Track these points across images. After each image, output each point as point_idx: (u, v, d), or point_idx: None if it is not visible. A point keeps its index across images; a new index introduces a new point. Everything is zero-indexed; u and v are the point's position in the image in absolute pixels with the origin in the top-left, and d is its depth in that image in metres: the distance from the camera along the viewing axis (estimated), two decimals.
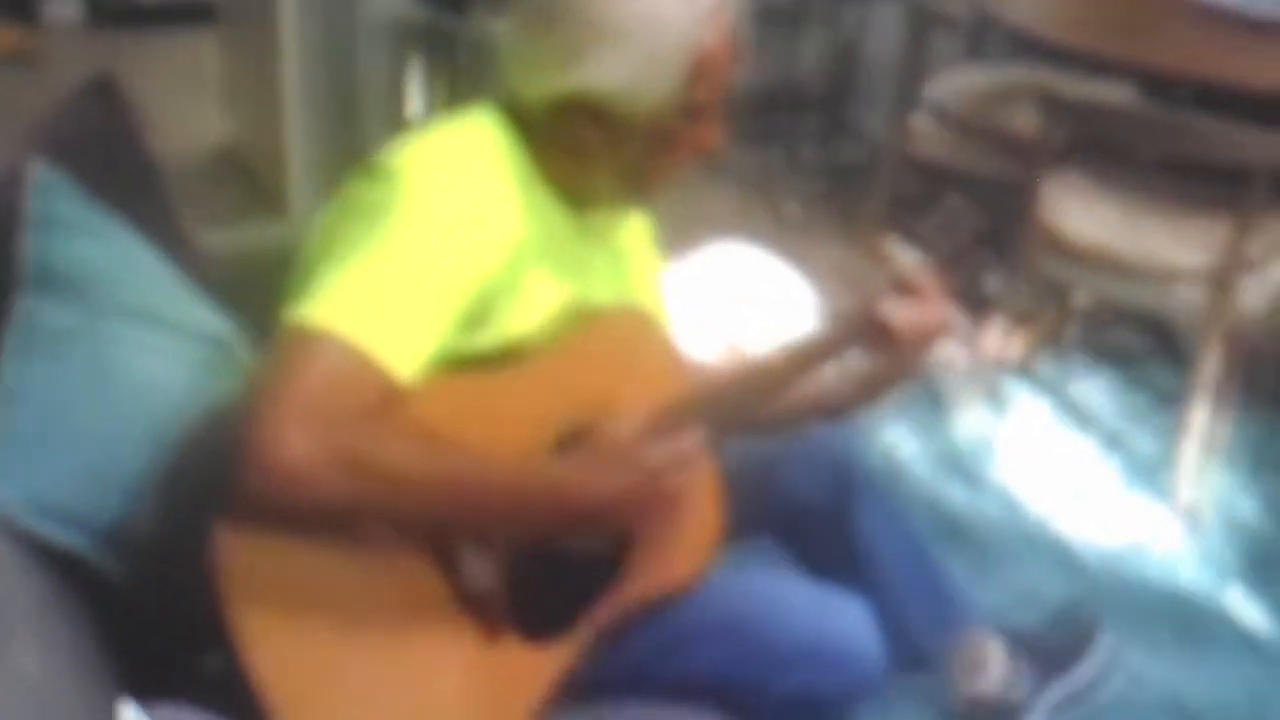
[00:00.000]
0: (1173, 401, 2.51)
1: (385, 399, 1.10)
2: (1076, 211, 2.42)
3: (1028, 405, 2.66)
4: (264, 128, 3.18)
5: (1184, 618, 2.14)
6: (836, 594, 1.43)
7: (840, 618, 1.39)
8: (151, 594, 1.18)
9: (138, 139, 1.52)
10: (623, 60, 1.22)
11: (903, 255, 1.43)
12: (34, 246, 1.23)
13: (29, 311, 1.21)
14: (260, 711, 1.05)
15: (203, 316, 1.35)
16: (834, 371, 1.45)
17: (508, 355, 1.23)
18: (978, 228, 1.45)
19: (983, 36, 3.23)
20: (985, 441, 2.55)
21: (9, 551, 1.11)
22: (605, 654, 1.29)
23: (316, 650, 1.09)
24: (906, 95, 2.95)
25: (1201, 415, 2.35)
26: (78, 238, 1.27)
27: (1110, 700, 1.92)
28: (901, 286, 1.38)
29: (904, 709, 1.88)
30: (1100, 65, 2.59)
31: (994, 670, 1.83)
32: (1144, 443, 2.56)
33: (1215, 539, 2.32)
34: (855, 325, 1.39)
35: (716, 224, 2.74)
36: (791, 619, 1.37)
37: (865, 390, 1.45)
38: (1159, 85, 2.63)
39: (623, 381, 1.32)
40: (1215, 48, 2.50)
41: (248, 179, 3.35)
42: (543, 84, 1.26)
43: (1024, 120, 2.56)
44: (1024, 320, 2.72)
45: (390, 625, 1.14)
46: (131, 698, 1.05)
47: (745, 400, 1.40)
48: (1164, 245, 2.35)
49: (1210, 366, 2.32)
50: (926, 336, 1.37)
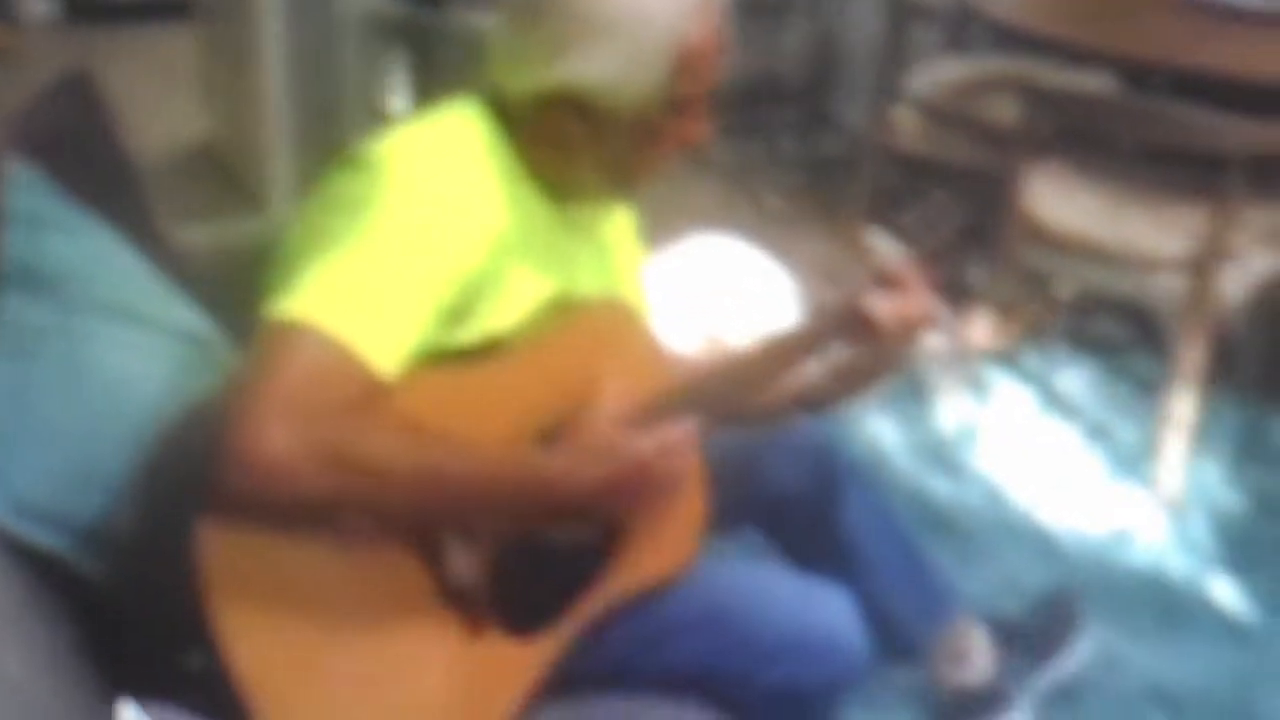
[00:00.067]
0: (1155, 390, 2.52)
1: (367, 393, 1.09)
2: (1057, 201, 2.43)
3: (1010, 395, 2.67)
4: (242, 123, 3.17)
5: (1166, 605, 2.15)
6: (821, 585, 1.43)
7: (824, 609, 1.40)
8: (132, 593, 1.17)
9: (113, 135, 1.51)
10: (608, 54, 1.22)
11: (884, 247, 1.43)
12: (8, 243, 1.22)
13: (3, 309, 1.19)
14: (242, 709, 1.05)
15: (180, 313, 1.35)
16: (817, 364, 1.45)
17: (490, 349, 1.23)
18: (961, 220, 1.45)
19: (962, 27, 3.24)
20: (968, 432, 2.55)
21: None
22: (589, 647, 1.28)
23: (299, 646, 1.09)
24: (887, 87, 2.95)
25: (1183, 404, 2.36)
26: (53, 234, 1.26)
27: (1093, 687, 1.93)
28: (884, 279, 1.38)
29: (889, 700, 1.89)
30: (1079, 55, 2.60)
31: (979, 660, 1.83)
32: (1126, 432, 2.57)
33: (1197, 527, 2.33)
34: (838, 318, 1.39)
35: (698, 217, 2.73)
36: (776, 611, 1.37)
37: (848, 382, 1.45)
38: (1138, 74, 2.64)
39: (606, 375, 1.32)
40: (1194, 37, 2.51)
41: (226, 175, 3.33)
42: (527, 77, 1.25)
43: (1004, 111, 2.57)
44: (1006, 311, 2.73)
45: (373, 620, 1.13)
46: (115, 696, 1.04)
47: (729, 393, 1.40)
48: (1144, 234, 2.36)
49: (1191, 355, 2.33)
50: (909, 329, 1.37)
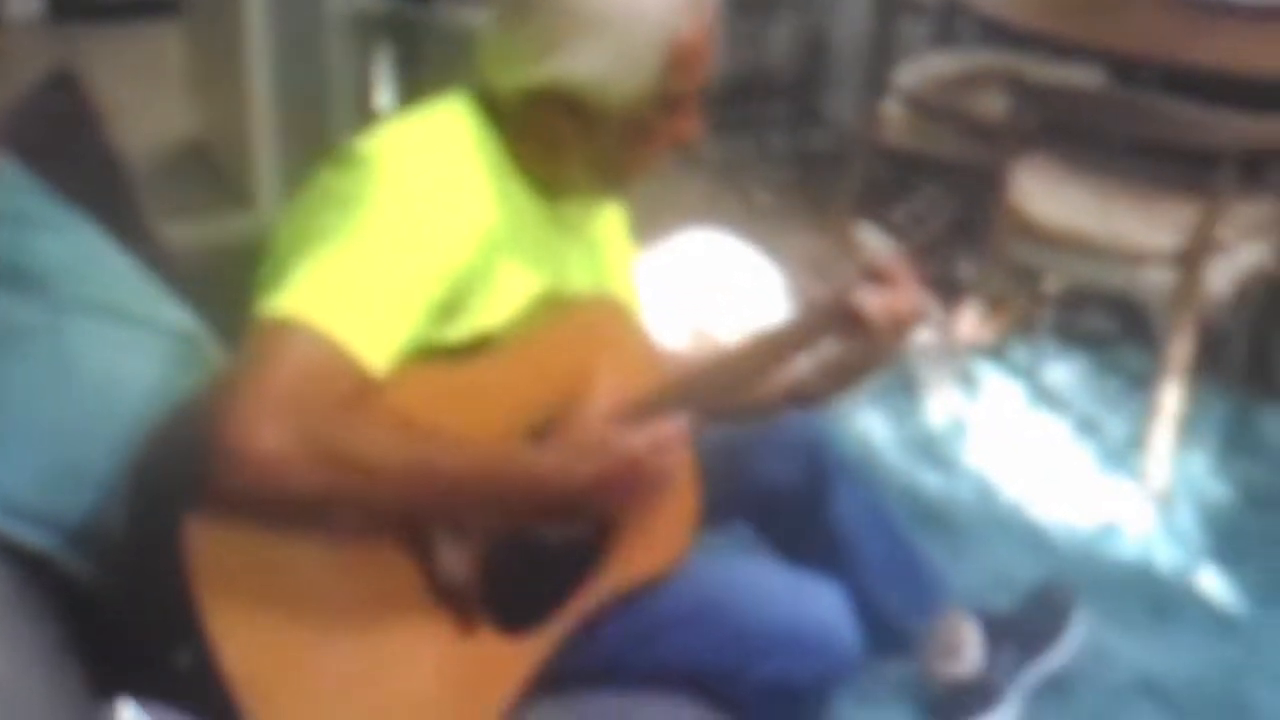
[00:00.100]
0: (1144, 384, 2.53)
1: (358, 389, 1.09)
2: (1046, 195, 2.43)
3: (1000, 389, 2.68)
4: (229, 121, 3.15)
5: (1155, 597, 2.16)
6: (812, 580, 1.43)
7: (816, 603, 1.40)
8: (121, 592, 1.16)
9: (99, 133, 1.50)
10: (598, 51, 1.21)
11: (873, 242, 1.43)
12: None
13: None
14: (231, 707, 1.04)
15: (169, 311, 1.34)
16: (807, 359, 1.45)
17: (480, 345, 1.22)
18: (950, 215, 1.45)
19: (950, 22, 3.24)
20: (958, 426, 2.56)
21: None
22: (582, 643, 1.28)
23: (288, 644, 1.08)
24: (875, 82, 2.96)
25: (1171, 397, 2.37)
26: (40, 233, 1.25)
27: (1082, 678, 1.93)
28: (874, 274, 1.38)
29: (880, 693, 1.89)
30: (1068, 49, 2.60)
31: (970, 653, 1.84)
32: (1115, 425, 2.58)
33: (1186, 519, 2.34)
34: (829, 313, 1.39)
35: (687, 213, 2.73)
36: (767, 605, 1.37)
37: (839, 377, 1.45)
38: (1126, 69, 2.64)
39: (597, 371, 1.32)
40: (1182, 31, 2.52)
41: (213, 172, 3.32)
42: (517, 73, 1.25)
43: (992, 105, 2.57)
44: (995, 305, 2.73)
45: (363, 618, 1.13)
46: (103, 694, 1.03)
47: (720, 389, 1.39)
48: (1133, 227, 2.36)
49: (1180, 348, 2.34)
50: (900, 324, 1.37)
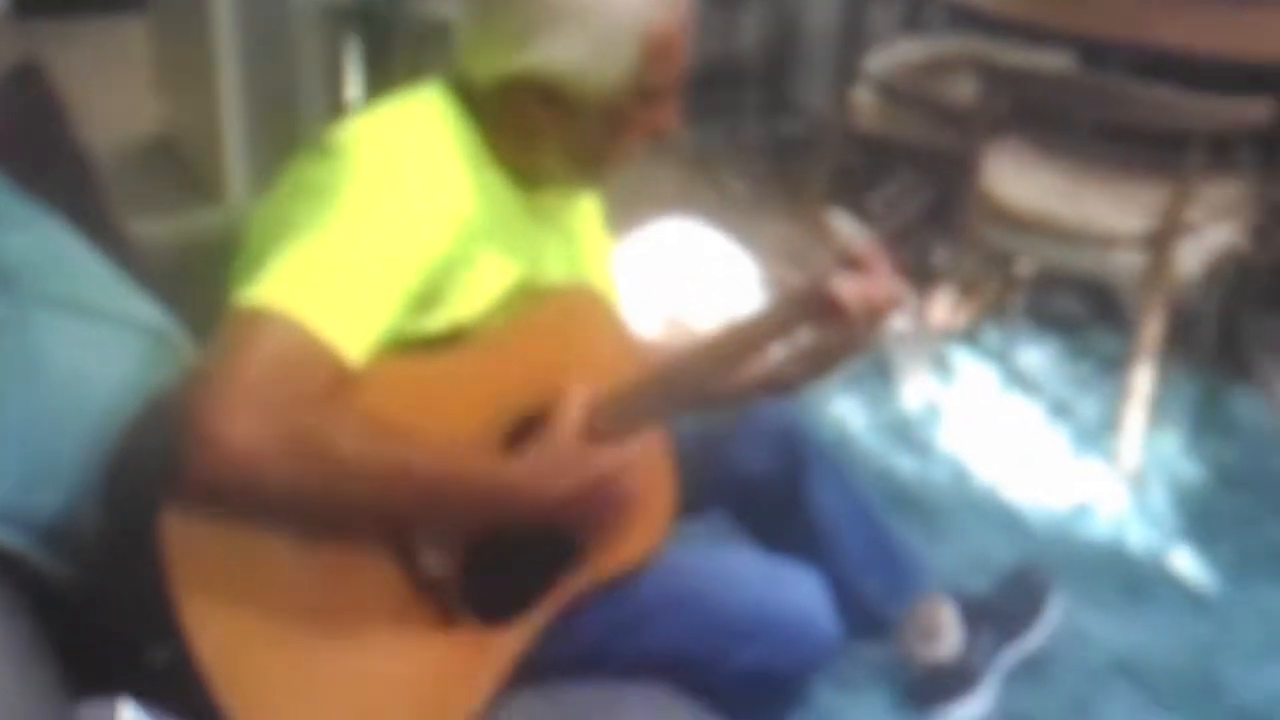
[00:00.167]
0: (1116, 366, 2.55)
1: (335, 381, 1.08)
2: (1017, 179, 2.44)
3: (974, 374, 2.69)
4: (198, 115, 3.13)
5: (1130, 578, 2.17)
6: (790, 566, 1.43)
7: (794, 590, 1.40)
8: (96, 589, 1.16)
9: (65, 128, 1.49)
10: (575, 40, 1.21)
11: (847, 229, 1.43)
12: None
13: None
14: (209, 703, 1.04)
15: (137, 306, 1.33)
16: (783, 347, 1.45)
17: (457, 336, 1.22)
18: (923, 202, 1.45)
19: (919, 8, 3.24)
20: (932, 411, 2.57)
21: None
22: (561, 634, 1.28)
23: (265, 638, 1.08)
24: (846, 69, 2.96)
25: (1143, 379, 2.38)
26: (4, 229, 1.23)
27: (1056, 658, 1.95)
28: (849, 261, 1.38)
29: (859, 677, 1.90)
30: (1037, 34, 2.61)
31: (949, 636, 1.85)
32: (1088, 407, 2.60)
33: (1158, 500, 2.35)
34: (804, 301, 1.39)
35: (660, 202, 2.73)
36: (745, 593, 1.38)
37: (814, 365, 1.45)
38: (1095, 53, 2.66)
39: (574, 361, 1.31)
40: (1149, 15, 2.53)
41: (182, 167, 3.29)
42: (494, 62, 1.24)
43: (963, 90, 2.58)
44: (968, 289, 2.74)
45: (342, 611, 1.13)
46: (76, 693, 1.03)
47: (697, 378, 1.39)
48: (1103, 211, 2.37)
49: (1151, 330, 2.35)
50: (876, 311, 1.37)
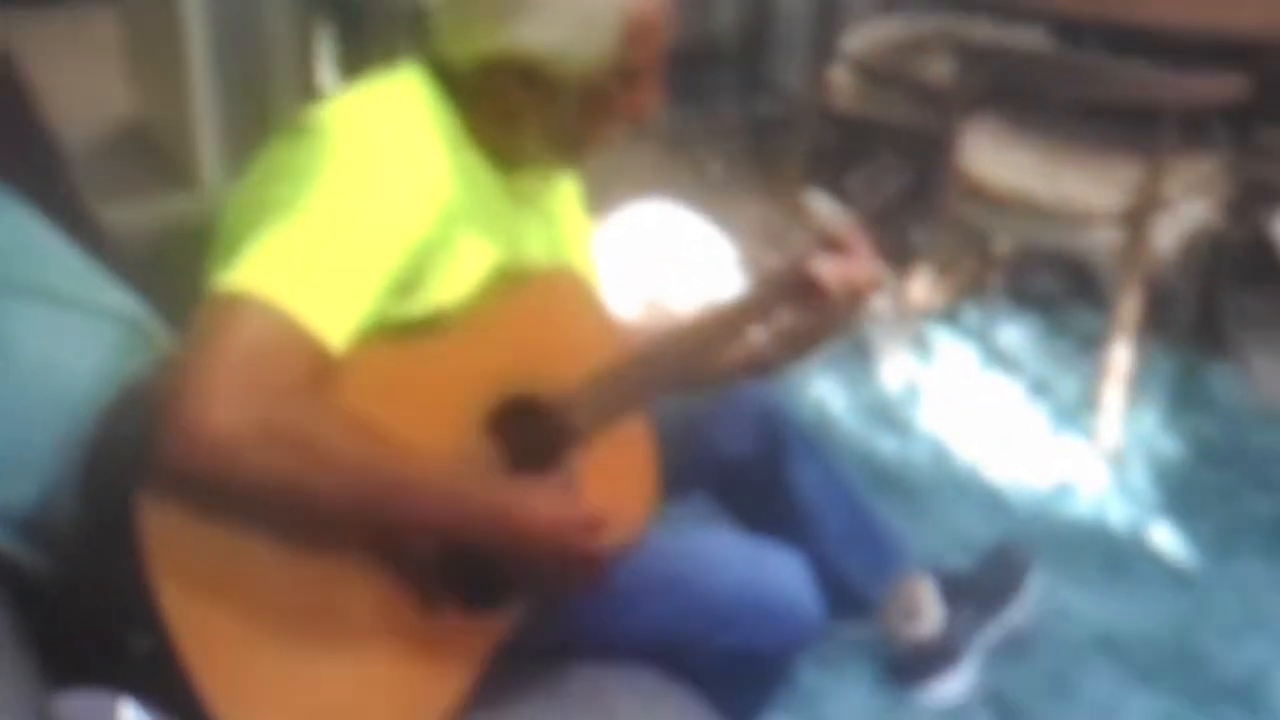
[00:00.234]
0: (1094, 344, 2.55)
1: (316, 368, 1.07)
2: (993, 158, 2.44)
3: (953, 353, 2.69)
4: (170, 101, 3.10)
5: (1110, 554, 2.18)
6: (772, 548, 1.43)
7: (776, 571, 1.40)
8: (74, 579, 1.15)
9: (36, 115, 1.48)
10: (554, 21, 1.20)
11: (825, 209, 1.43)
12: None
13: None
14: (189, 690, 1.03)
15: (110, 295, 1.31)
16: (763, 329, 1.45)
17: (437, 320, 1.21)
18: (904, 183, 1.45)
19: None
20: (912, 390, 2.57)
21: None
22: (545, 618, 1.28)
23: (246, 626, 1.07)
24: (823, 48, 2.95)
25: (1121, 356, 2.39)
26: None
27: (1038, 635, 1.96)
28: (829, 243, 1.38)
29: (841, 656, 1.91)
30: (1011, 12, 2.61)
31: (930, 614, 1.86)
32: (1067, 386, 2.61)
33: (1138, 476, 2.37)
34: (785, 283, 1.39)
35: (637, 184, 2.72)
36: (728, 575, 1.38)
37: (795, 346, 1.45)
38: (1070, 30, 2.66)
39: (555, 344, 1.31)
40: None
41: (154, 153, 3.26)
42: (472, 43, 1.23)
43: (939, 69, 2.58)
44: (947, 269, 2.74)
45: (324, 598, 1.12)
46: (55, 682, 1.02)
47: (678, 361, 1.39)
48: (1080, 188, 2.38)
49: (1129, 307, 2.36)
50: (856, 293, 1.37)
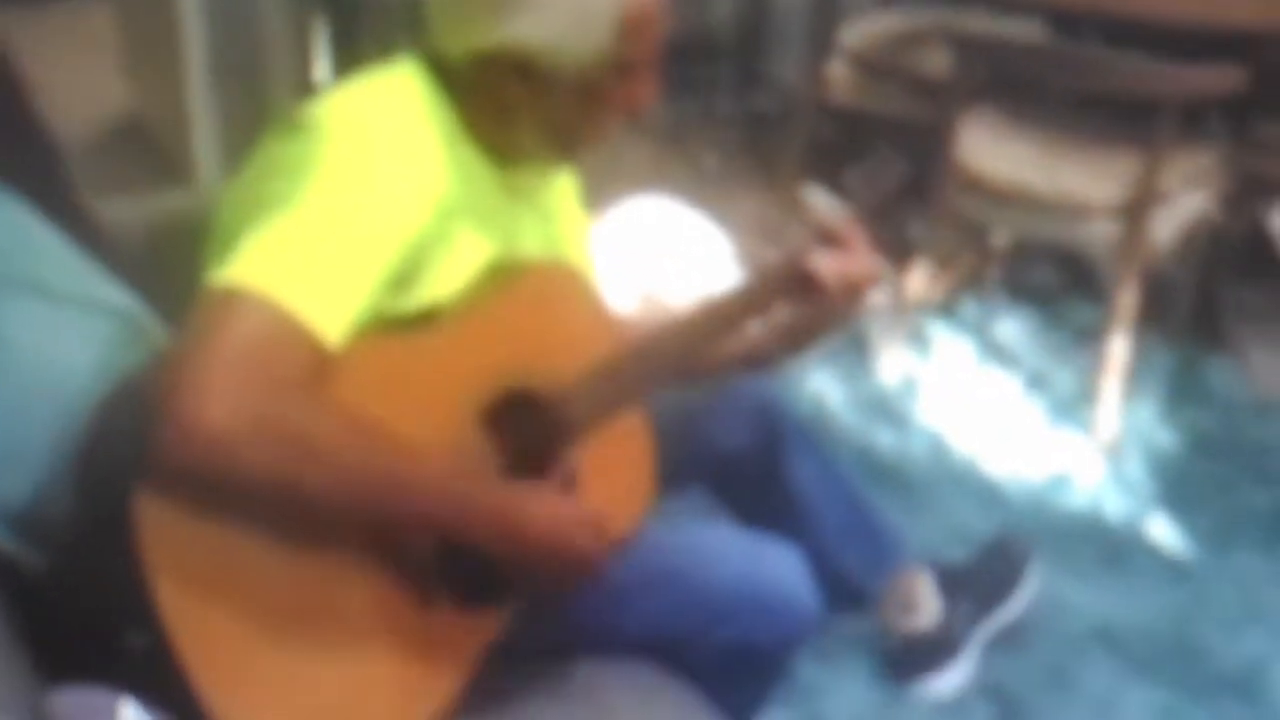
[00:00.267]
0: (1092, 337, 2.55)
1: (313, 362, 1.06)
2: (991, 150, 2.44)
3: (950, 346, 2.69)
4: (165, 96, 3.09)
5: (1107, 547, 2.18)
6: (770, 542, 1.43)
7: (774, 565, 1.40)
8: (70, 576, 1.14)
9: (31, 111, 1.47)
10: (551, 15, 1.19)
11: (822, 204, 1.42)
12: None
13: None
14: (186, 687, 1.03)
15: (105, 290, 1.31)
16: (760, 323, 1.44)
17: (433, 315, 1.21)
18: (900, 176, 1.45)
19: None
20: (909, 384, 2.57)
21: None
22: (541, 614, 1.28)
23: (243, 622, 1.07)
24: (820, 42, 2.95)
25: (1119, 349, 2.39)
26: None
27: (1035, 628, 1.96)
28: (826, 237, 1.38)
29: (839, 650, 1.91)
30: (1008, 4, 2.61)
31: (928, 607, 1.85)
32: (1065, 378, 2.60)
33: (1135, 469, 2.37)
34: (783, 277, 1.38)
35: (633, 179, 2.71)
36: (726, 569, 1.37)
37: (792, 341, 1.45)
38: (1067, 22, 2.65)
39: (552, 339, 1.31)
40: None
41: (150, 148, 3.26)
42: (468, 37, 1.22)
43: (937, 62, 2.57)
44: (945, 262, 2.74)
45: (317, 592, 1.11)
46: (50, 679, 1.02)
47: (675, 355, 1.39)
48: (1077, 181, 2.38)
49: (1126, 300, 2.36)
50: (854, 287, 1.37)
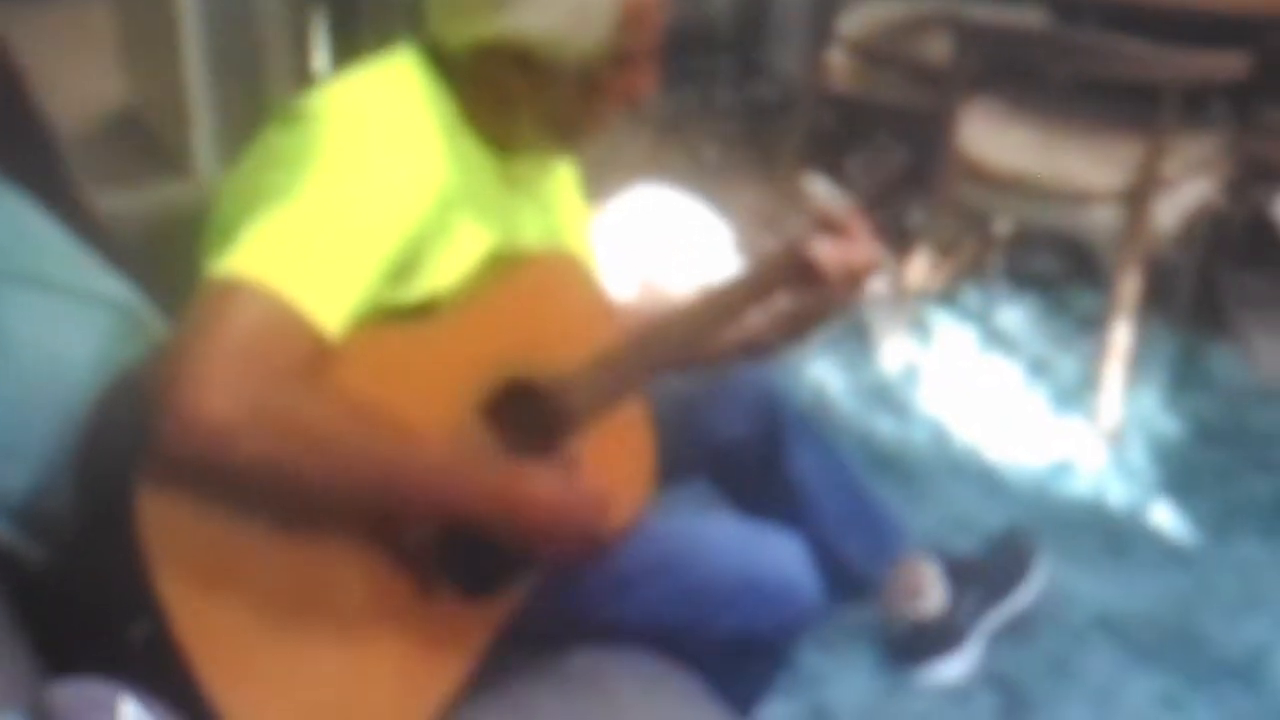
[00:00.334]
0: (1094, 324, 2.55)
1: (312, 353, 1.06)
2: (992, 138, 2.43)
3: (952, 334, 2.69)
4: (163, 87, 3.09)
5: (1110, 534, 2.18)
6: (771, 531, 1.43)
7: (775, 554, 1.40)
8: (71, 568, 1.14)
9: (29, 102, 1.47)
10: (551, 5, 1.19)
11: (823, 192, 1.42)
12: None
13: None
14: (188, 679, 1.03)
15: (104, 282, 1.30)
16: (760, 311, 1.44)
17: (433, 306, 1.20)
18: (902, 164, 1.45)
19: None
20: (911, 372, 2.57)
21: None
22: (543, 603, 1.28)
23: (244, 613, 1.06)
24: (819, 31, 2.94)
25: (1121, 336, 2.39)
26: None
27: (1038, 615, 1.96)
28: (827, 225, 1.37)
29: (843, 639, 1.91)
30: None
31: (933, 594, 1.85)
32: (1067, 365, 2.60)
33: (1138, 456, 2.36)
34: (783, 266, 1.38)
35: (633, 168, 2.71)
36: (727, 558, 1.37)
37: (792, 329, 1.45)
38: (1067, 8, 2.65)
39: (552, 328, 1.30)
40: None
41: (148, 140, 3.25)
42: (467, 28, 1.22)
43: (937, 50, 2.56)
44: (946, 250, 2.74)
45: (319, 583, 1.11)
46: (51, 672, 1.01)
47: (676, 344, 1.39)
48: (1079, 167, 2.37)
49: (1128, 286, 2.35)
50: (855, 275, 1.37)
